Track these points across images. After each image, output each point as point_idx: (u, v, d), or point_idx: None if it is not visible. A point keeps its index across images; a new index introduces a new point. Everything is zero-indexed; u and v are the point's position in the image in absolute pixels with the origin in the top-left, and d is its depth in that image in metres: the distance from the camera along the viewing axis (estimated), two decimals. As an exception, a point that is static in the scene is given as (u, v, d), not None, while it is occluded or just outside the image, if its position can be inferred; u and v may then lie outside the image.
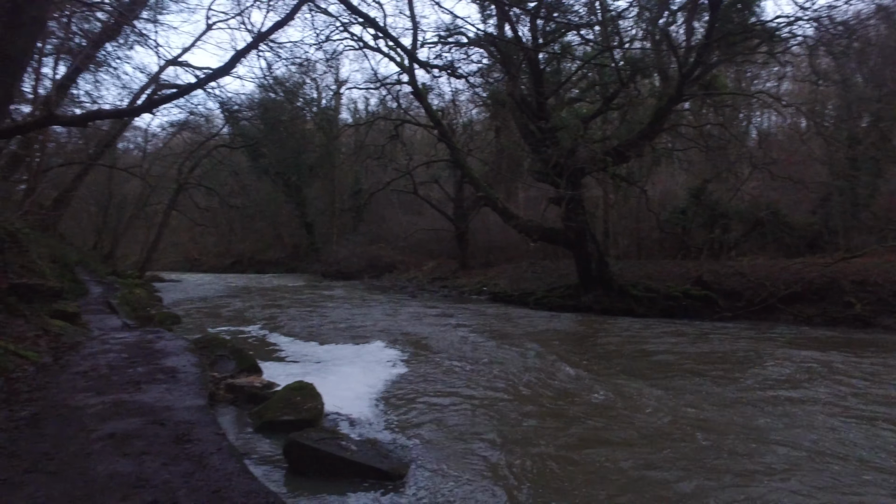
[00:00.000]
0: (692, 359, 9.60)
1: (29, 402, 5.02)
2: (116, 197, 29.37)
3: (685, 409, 6.43)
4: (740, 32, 14.05)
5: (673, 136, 19.70)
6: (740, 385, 7.76)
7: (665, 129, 16.96)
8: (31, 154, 15.71)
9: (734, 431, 5.66)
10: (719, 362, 9.33)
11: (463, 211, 27.74)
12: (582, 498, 4.17)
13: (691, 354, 10.03)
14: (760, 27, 14.15)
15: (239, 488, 3.50)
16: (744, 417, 6.15)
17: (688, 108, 19.19)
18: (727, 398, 6.98)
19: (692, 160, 21.02)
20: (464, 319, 14.56)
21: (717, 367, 8.95)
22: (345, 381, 7.47)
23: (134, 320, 11.02)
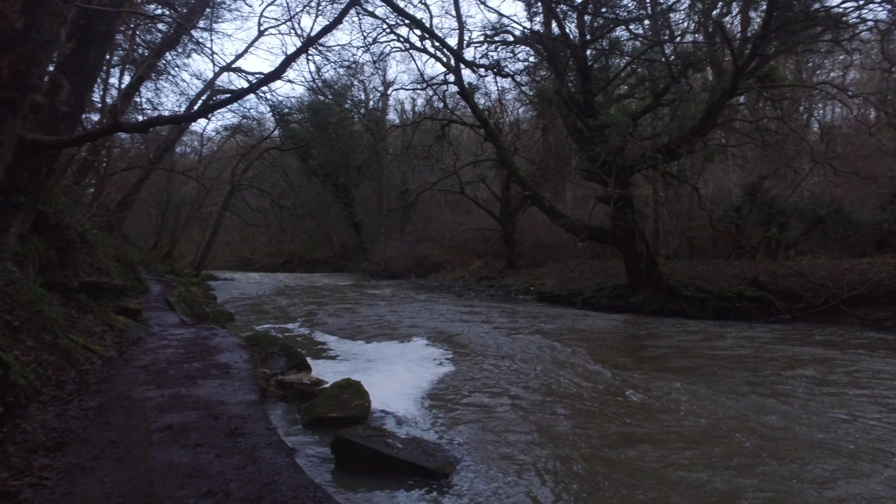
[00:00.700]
0: (748, 361, 9.24)
1: (97, 393, 5.30)
2: (174, 199, 30.66)
3: (735, 413, 6.20)
4: (802, 20, 13.32)
5: (727, 132, 18.98)
6: (797, 389, 7.43)
7: (718, 124, 16.36)
8: (98, 159, 16.60)
9: (786, 437, 5.41)
10: (778, 366, 8.94)
11: (510, 210, 27.58)
12: (624, 500, 4.07)
13: (746, 357, 9.66)
14: (825, 13, 13.38)
15: (288, 482, 3.59)
16: (795, 422, 5.87)
17: (743, 103, 18.43)
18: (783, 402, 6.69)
19: (747, 156, 20.20)
20: (510, 319, 14.48)
21: (777, 370, 8.59)
22: (391, 380, 7.55)
23: (190, 317, 11.47)
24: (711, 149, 18.03)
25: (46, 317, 5.91)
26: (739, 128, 17.66)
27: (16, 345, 4.97)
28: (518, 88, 22.04)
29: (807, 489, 4.33)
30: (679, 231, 22.56)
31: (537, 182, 23.57)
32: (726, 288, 15.49)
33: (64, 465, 3.64)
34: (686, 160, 19.15)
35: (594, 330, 12.94)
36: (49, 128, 3.98)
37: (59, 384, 5.23)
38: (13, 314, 5.32)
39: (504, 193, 28.50)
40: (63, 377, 5.42)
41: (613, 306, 16.78)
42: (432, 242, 33.99)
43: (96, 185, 16.87)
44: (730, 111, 16.87)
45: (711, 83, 17.05)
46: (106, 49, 5.34)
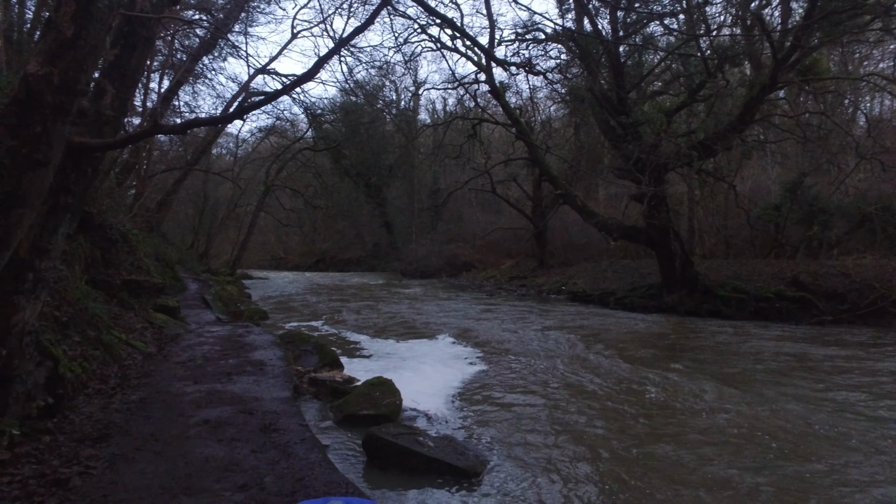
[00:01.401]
0: (786, 363, 8.96)
1: (138, 387, 5.49)
2: (211, 199, 31.43)
3: (770, 416, 6.03)
4: (848, 9, 12.76)
5: (765, 128, 18.43)
6: (842, 394, 7.18)
7: (756, 120, 15.90)
8: (139, 162, 17.15)
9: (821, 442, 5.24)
10: (819, 369, 8.65)
11: (541, 209, 27.38)
12: (654, 501, 4.01)
13: (785, 359, 9.37)
14: (874, 1, 12.79)
15: (321, 477, 3.66)
16: (829, 427, 5.67)
17: (783, 97, 17.84)
18: (822, 407, 6.47)
19: (787, 152, 19.56)
20: (541, 319, 14.38)
21: (819, 373, 8.31)
22: (422, 378, 7.59)
23: (226, 315, 11.75)
24: (749, 145, 17.55)
25: (91, 313, 6.14)
26: (779, 123, 17.14)
27: (64, 340, 5.18)
28: (550, 86, 21.90)
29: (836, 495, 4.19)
30: (715, 230, 22.03)
31: (569, 180, 23.35)
32: (764, 288, 15.06)
33: (108, 455, 3.79)
34: (722, 157, 18.69)
35: (627, 330, 12.75)
36: (94, 131, 4.13)
37: (103, 378, 5.43)
38: (61, 310, 5.54)
39: (535, 192, 28.31)
40: (107, 371, 5.62)
41: (647, 306, 16.50)
42: (463, 242, 33.99)
43: (137, 187, 17.43)
44: (769, 106, 16.39)
45: (749, 78, 16.60)
46: (147, 55, 5.51)
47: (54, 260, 4.10)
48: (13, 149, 2.99)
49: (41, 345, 4.25)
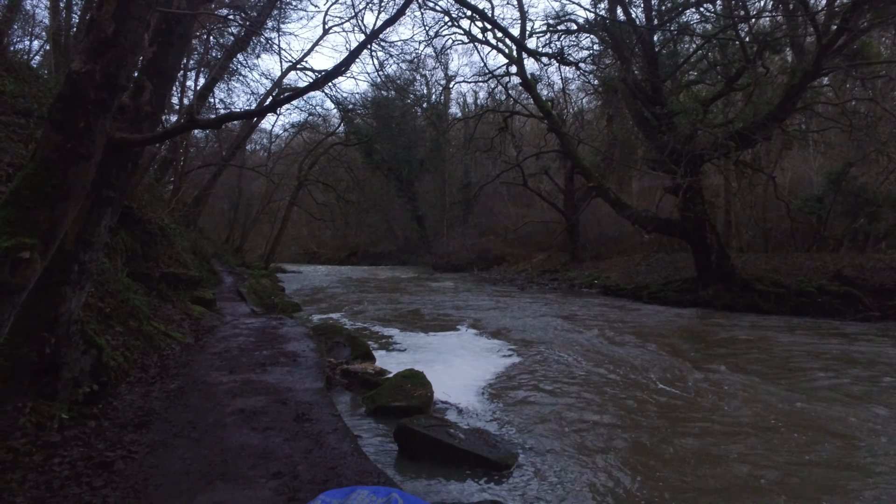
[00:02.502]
0: (827, 360, 8.66)
1: (176, 376, 5.65)
2: (245, 194, 32.07)
3: (807, 413, 5.83)
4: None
5: (808, 116, 17.74)
6: (891, 393, 6.90)
7: (798, 108, 15.33)
8: (176, 158, 17.59)
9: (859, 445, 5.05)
10: (863, 367, 8.33)
11: (573, 202, 27.09)
12: (684, 493, 3.93)
13: (825, 355, 9.05)
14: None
15: (353, 467, 3.70)
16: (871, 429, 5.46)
17: (827, 84, 17.14)
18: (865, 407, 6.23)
19: (831, 142, 18.80)
20: (573, 312, 14.25)
21: (862, 371, 8.02)
22: (453, 371, 7.62)
23: (260, 307, 11.99)
24: (790, 135, 16.95)
25: (132, 305, 6.34)
26: (823, 111, 16.48)
27: (107, 330, 5.37)
28: (582, 77, 21.61)
29: None
30: (753, 223, 21.40)
31: (602, 173, 23.00)
32: (805, 282, 14.57)
33: (149, 440, 3.91)
34: (761, 148, 18.09)
35: (660, 324, 12.53)
36: (133, 127, 4.25)
37: (144, 367, 5.61)
38: (104, 301, 5.74)
39: (568, 185, 28.00)
40: (147, 361, 5.80)
41: (681, 300, 16.17)
42: (495, 235, 33.89)
43: (175, 182, 17.89)
44: (812, 94, 15.77)
45: (791, 64, 16.02)
46: (183, 52, 5.64)
47: (97, 252, 4.23)
48: (59, 144, 3.09)
49: (86, 334, 4.41)
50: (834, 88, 16.54)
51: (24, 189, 2.96)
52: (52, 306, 3.87)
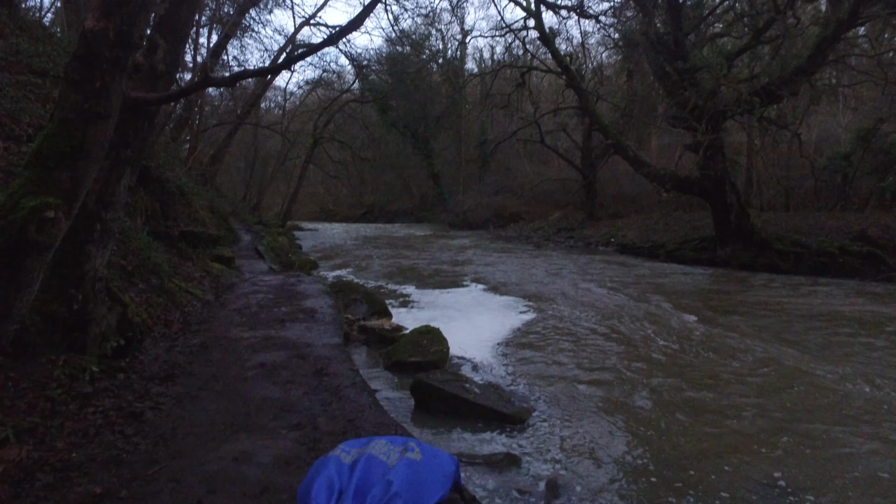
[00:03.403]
0: (846, 321, 8.60)
1: (199, 332, 5.82)
2: (261, 153, 32.07)
3: (822, 374, 5.84)
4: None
5: (839, 70, 17.04)
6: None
7: (829, 61, 14.73)
8: (192, 116, 17.59)
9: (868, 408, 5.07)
10: (885, 327, 8.28)
11: (591, 160, 26.66)
12: (696, 452, 4.00)
13: (844, 316, 8.98)
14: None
15: (370, 419, 3.83)
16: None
17: (863, 34, 16.33)
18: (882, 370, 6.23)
19: (862, 97, 18.13)
20: (589, 270, 14.26)
21: (882, 332, 7.96)
22: (469, 327, 7.72)
23: (277, 265, 12.17)
24: (819, 90, 16.34)
25: (154, 263, 6.49)
26: (856, 64, 15.79)
27: (130, 287, 5.52)
28: (602, 31, 20.94)
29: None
30: (775, 181, 20.92)
31: (621, 130, 22.53)
32: (826, 242, 14.31)
33: (175, 393, 4.07)
34: (787, 104, 17.51)
35: (676, 282, 12.51)
36: (148, 86, 4.25)
37: (167, 323, 5.78)
38: (127, 259, 5.87)
39: (585, 142, 27.52)
40: (170, 317, 5.97)
41: (699, 259, 16.05)
42: (511, 193, 33.62)
43: (191, 141, 17.95)
44: (845, 45, 15.09)
45: (825, 14, 15.30)
46: (195, 8, 5.57)
47: (118, 211, 4.32)
48: (77, 104, 3.12)
49: (111, 291, 4.54)
50: (870, 39, 15.78)
51: (46, 150, 3.01)
52: (78, 264, 3.98)
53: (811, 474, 3.74)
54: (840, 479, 3.68)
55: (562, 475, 3.68)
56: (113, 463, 3.00)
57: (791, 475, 3.72)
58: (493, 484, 3.53)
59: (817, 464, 3.90)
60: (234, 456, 3.15)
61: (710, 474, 3.73)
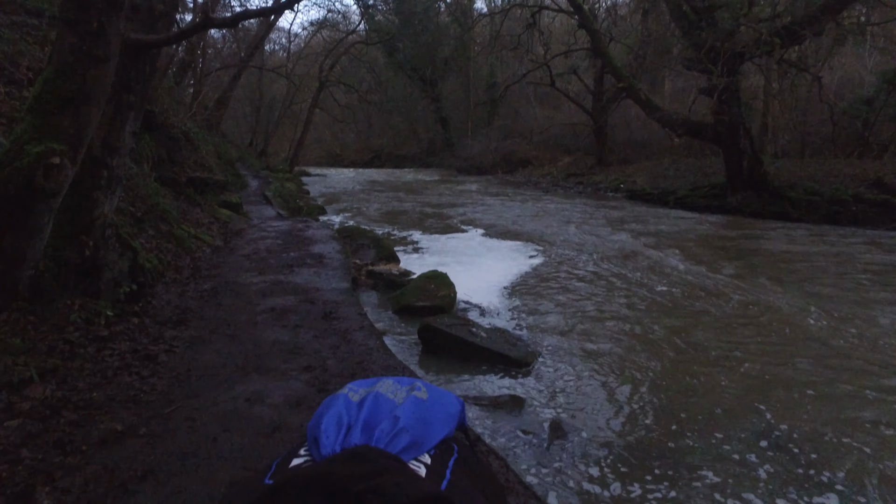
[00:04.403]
0: (855, 269, 8.56)
1: (209, 278, 5.90)
2: (266, 97, 31.49)
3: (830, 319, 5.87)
4: None
5: (869, 7, 16.19)
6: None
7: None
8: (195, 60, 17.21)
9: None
10: (886, 275, 8.24)
11: (602, 104, 26.03)
12: (700, 403, 4.10)
13: (853, 264, 8.93)
14: None
15: (378, 362, 3.93)
16: None
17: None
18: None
19: (893, 36, 17.26)
20: (597, 217, 14.19)
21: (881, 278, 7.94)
22: (476, 272, 7.77)
23: (286, 211, 12.19)
24: (845, 29, 15.61)
25: (162, 209, 6.52)
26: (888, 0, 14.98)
27: (140, 233, 5.57)
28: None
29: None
30: (791, 127, 20.36)
31: (634, 73, 21.87)
32: (841, 190, 14.06)
33: (187, 337, 4.18)
34: (810, 45, 16.81)
35: (685, 230, 12.44)
36: (147, 27, 4.15)
37: (178, 269, 5.86)
38: (135, 206, 5.90)
39: (597, 86, 26.80)
40: (180, 263, 6.05)
41: (709, 206, 15.89)
42: (520, 138, 33.06)
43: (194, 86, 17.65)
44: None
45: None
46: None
47: (124, 157, 4.31)
48: (74, 46, 3.06)
49: (121, 237, 4.59)
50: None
51: (46, 94, 2.98)
52: (87, 211, 4.01)
53: (806, 419, 3.83)
54: (835, 426, 3.76)
55: (565, 417, 3.78)
56: (132, 402, 3.12)
57: (785, 418, 3.81)
58: (498, 424, 3.64)
59: (814, 409, 3.98)
60: (247, 396, 3.26)
61: (705, 417, 3.83)
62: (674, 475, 3.13)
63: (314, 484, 0.55)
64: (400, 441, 0.71)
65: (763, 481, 3.11)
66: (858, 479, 3.15)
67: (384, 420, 0.75)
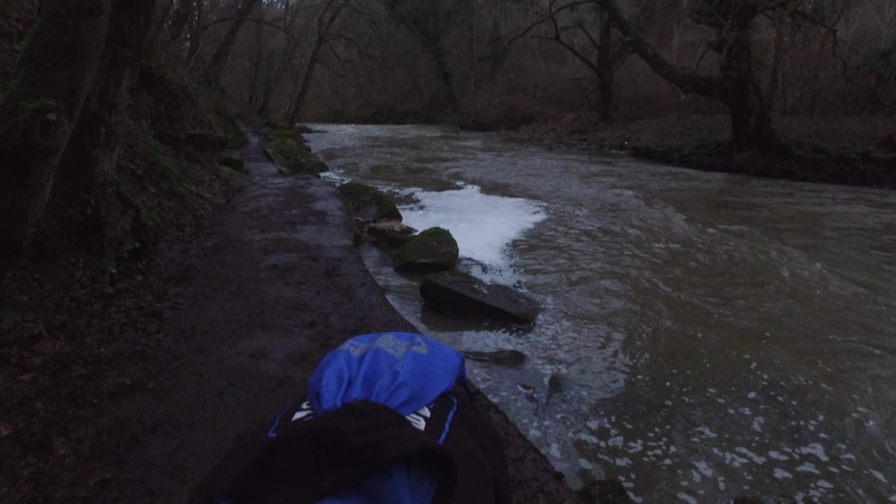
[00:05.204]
0: (860, 229, 8.53)
1: (211, 235, 5.92)
2: (265, 51, 30.80)
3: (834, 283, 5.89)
4: None
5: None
6: None
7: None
8: (190, 12, 16.74)
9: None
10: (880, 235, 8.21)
11: (608, 59, 25.44)
12: (694, 359, 4.16)
13: (858, 225, 8.88)
14: None
15: (381, 318, 3.98)
16: None
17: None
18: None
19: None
20: (600, 174, 14.08)
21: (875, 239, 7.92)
22: (478, 230, 7.78)
23: (287, 168, 12.11)
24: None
25: (162, 166, 6.47)
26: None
27: (141, 191, 5.55)
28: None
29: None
30: (802, 83, 19.89)
31: (641, 26, 21.27)
32: (849, 148, 13.80)
33: (191, 293, 4.22)
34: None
35: (688, 187, 12.36)
36: (141, -23, 4.03)
37: (180, 226, 5.87)
38: (135, 163, 5.86)
39: (603, 40, 26.12)
40: (182, 220, 6.06)
41: (714, 164, 15.73)
42: (524, 93, 32.51)
43: (191, 39, 17.23)
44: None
45: None
46: None
47: (122, 114, 4.25)
48: (66, -2, 2.98)
49: (122, 195, 4.58)
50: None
51: (37, 48, 2.92)
52: (87, 169, 3.99)
53: (799, 373, 3.89)
54: (827, 380, 3.83)
55: (564, 372, 3.85)
56: (139, 357, 3.18)
57: (778, 372, 3.88)
58: (498, 380, 3.71)
59: (806, 363, 4.05)
60: (251, 352, 3.32)
61: (703, 372, 3.89)
62: (671, 430, 3.21)
63: (314, 437, 0.56)
64: (399, 395, 0.73)
65: (758, 434, 3.19)
66: (843, 430, 3.23)
67: (384, 375, 0.76)
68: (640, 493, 2.70)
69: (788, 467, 2.93)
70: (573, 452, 2.99)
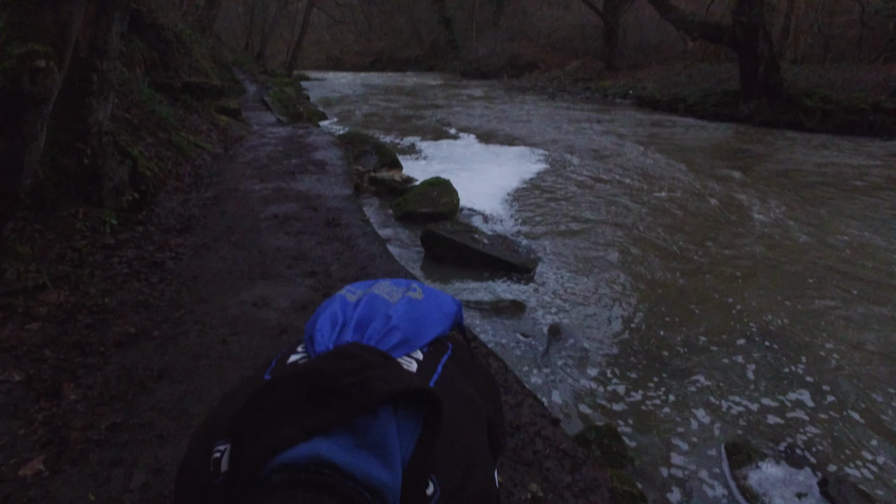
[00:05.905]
0: (866, 182, 8.43)
1: (210, 185, 5.90)
2: (260, -5, 29.81)
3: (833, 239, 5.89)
4: None
5: None
6: None
7: None
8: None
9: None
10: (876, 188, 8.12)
11: (614, 4, 24.57)
12: (689, 309, 4.20)
13: (866, 176, 8.76)
14: None
15: (381, 267, 4.01)
16: None
17: None
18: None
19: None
20: (604, 124, 13.86)
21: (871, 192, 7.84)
22: (479, 179, 7.73)
23: (285, 116, 11.93)
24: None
25: (159, 116, 6.38)
26: None
27: (138, 141, 5.48)
28: None
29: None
30: (815, 29, 19.20)
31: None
32: (860, 98, 13.39)
33: (192, 244, 4.24)
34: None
35: (691, 137, 12.18)
36: (127, -86, 3.85)
37: (179, 177, 5.84)
38: (131, 113, 5.77)
39: (610, -17, 25.16)
40: (181, 171, 6.01)
41: (719, 115, 15.37)
42: (527, 40, 31.57)
43: (183, -19, 16.61)
44: None
45: None
46: None
47: (114, 61, 4.15)
48: (49, -64, 2.86)
49: (119, 145, 4.53)
50: None
51: (23, -10, 2.82)
52: (81, 118, 3.93)
53: (794, 322, 3.94)
54: (820, 329, 3.88)
55: (564, 321, 3.90)
56: (142, 307, 3.22)
57: (772, 321, 3.92)
58: (498, 328, 3.77)
59: (799, 312, 4.09)
60: (254, 301, 3.36)
61: (694, 320, 3.94)
62: (668, 377, 3.28)
63: (304, 379, 0.58)
64: (391, 338, 0.74)
65: (752, 382, 3.26)
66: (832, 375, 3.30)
67: (377, 319, 0.77)
68: (635, 438, 2.78)
69: (779, 413, 3.00)
70: (571, 399, 3.06)
